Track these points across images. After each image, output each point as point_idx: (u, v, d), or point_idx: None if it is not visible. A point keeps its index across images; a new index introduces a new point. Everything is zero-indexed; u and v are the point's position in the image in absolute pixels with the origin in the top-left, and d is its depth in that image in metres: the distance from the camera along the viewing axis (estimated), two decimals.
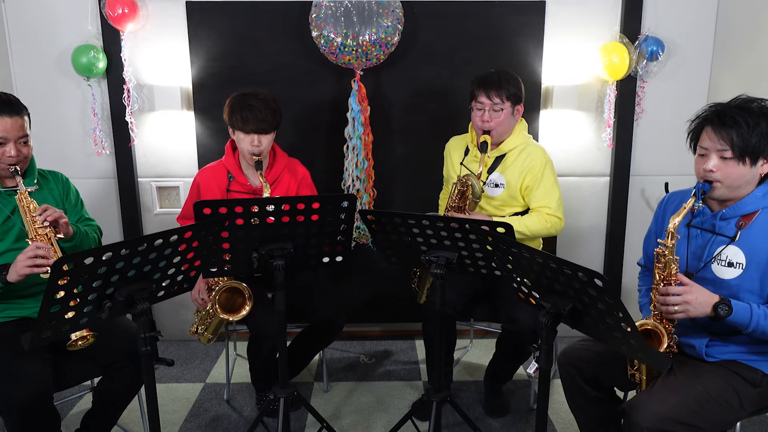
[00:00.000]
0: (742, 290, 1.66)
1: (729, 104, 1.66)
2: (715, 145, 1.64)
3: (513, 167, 2.42)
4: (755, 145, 1.60)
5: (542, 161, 2.40)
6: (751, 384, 1.68)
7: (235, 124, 2.34)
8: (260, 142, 2.33)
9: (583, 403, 1.93)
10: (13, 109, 1.93)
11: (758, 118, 1.60)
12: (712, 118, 1.66)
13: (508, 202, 2.45)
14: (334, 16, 2.70)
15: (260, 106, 2.29)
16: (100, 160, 3.11)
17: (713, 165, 1.64)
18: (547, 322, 1.49)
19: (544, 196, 2.39)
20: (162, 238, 1.52)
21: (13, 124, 1.92)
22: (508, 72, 2.41)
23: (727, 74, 2.98)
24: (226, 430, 2.53)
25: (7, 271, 1.83)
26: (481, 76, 2.41)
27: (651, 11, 2.99)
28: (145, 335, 1.54)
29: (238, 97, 2.35)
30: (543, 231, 2.38)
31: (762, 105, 1.63)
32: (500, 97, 2.33)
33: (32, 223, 1.87)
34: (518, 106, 2.41)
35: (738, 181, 1.64)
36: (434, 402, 2.06)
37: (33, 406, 1.77)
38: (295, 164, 2.57)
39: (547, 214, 2.38)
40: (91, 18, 2.94)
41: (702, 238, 1.74)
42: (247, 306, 2.28)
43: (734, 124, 1.60)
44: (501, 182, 2.43)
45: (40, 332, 1.43)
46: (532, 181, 2.39)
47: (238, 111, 2.31)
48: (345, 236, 2.02)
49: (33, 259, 1.79)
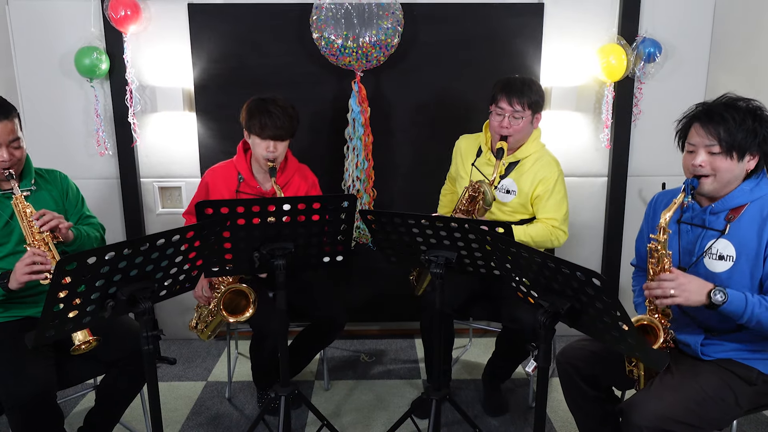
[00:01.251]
0: (734, 283, 1.67)
1: (716, 102, 1.70)
2: (703, 140, 1.66)
3: (527, 175, 2.38)
4: (741, 140, 1.63)
5: (556, 174, 2.37)
6: (747, 382, 1.69)
7: (252, 129, 2.32)
8: (276, 149, 2.31)
9: (582, 402, 1.93)
10: (2, 112, 1.88)
11: (744, 115, 1.64)
12: (700, 116, 1.69)
13: (518, 210, 2.42)
14: (335, 18, 2.70)
15: (279, 113, 2.28)
16: (103, 161, 3.11)
17: (702, 160, 1.67)
18: (545, 321, 1.49)
19: (554, 209, 2.36)
20: (164, 237, 1.52)
21: (3, 128, 1.87)
22: (531, 79, 2.36)
23: (724, 76, 2.98)
24: (227, 428, 2.53)
25: (8, 279, 1.83)
26: (504, 81, 2.34)
27: (648, 13, 2.99)
28: (147, 334, 1.53)
29: (257, 102, 2.32)
30: (546, 242, 2.36)
31: (748, 103, 1.67)
32: (521, 105, 2.28)
33: (29, 228, 1.85)
34: (538, 114, 2.37)
35: (726, 175, 1.66)
36: (433, 400, 2.06)
37: (36, 404, 1.77)
38: (305, 171, 2.55)
39: (553, 226, 2.36)
40: (94, 20, 2.94)
41: (693, 233, 1.76)
42: (250, 309, 2.27)
43: (721, 120, 1.64)
44: (513, 189, 2.40)
45: (43, 331, 1.43)
46: (543, 192, 2.36)
47: (257, 116, 2.29)
48: (345, 236, 2.02)
49: (31, 266, 1.78)
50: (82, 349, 1.76)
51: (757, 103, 1.68)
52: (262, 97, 2.34)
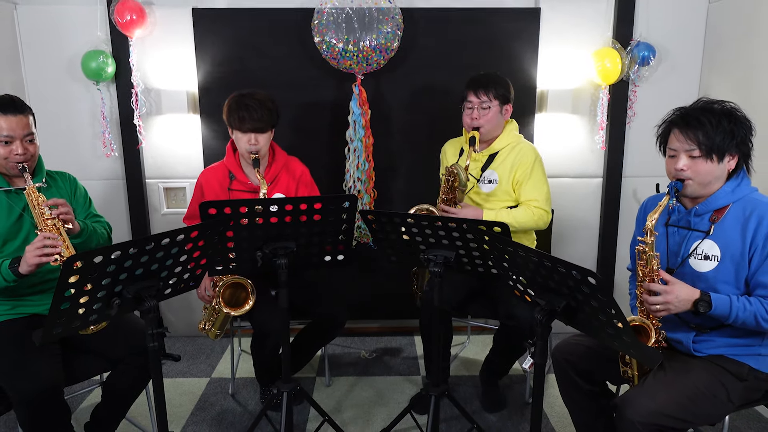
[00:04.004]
0: (719, 281, 1.68)
1: (692, 107, 1.71)
2: (683, 145, 1.68)
3: (505, 164, 2.44)
4: (720, 143, 1.64)
5: (532, 157, 2.42)
6: (738, 378, 1.69)
7: (233, 124, 2.35)
8: (257, 141, 2.33)
9: (577, 397, 1.94)
10: (18, 108, 1.93)
11: (720, 117, 1.65)
12: (678, 121, 1.71)
13: (500, 197, 2.46)
14: (336, 22, 2.70)
15: (257, 106, 2.30)
16: (109, 162, 3.11)
17: (683, 164, 1.68)
18: (542, 319, 1.50)
19: (533, 189, 2.41)
20: (169, 237, 1.52)
21: (18, 122, 1.92)
22: (496, 74, 2.45)
23: (716, 78, 2.98)
24: (231, 423, 2.53)
25: (18, 263, 1.83)
26: (470, 78, 2.45)
27: (642, 18, 3.00)
28: (152, 331, 1.53)
29: (236, 98, 2.35)
30: (531, 223, 2.39)
31: (723, 106, 1.68)
32: (488, 96, 2.38)
33: (41, 215, 1.86)
34: (506, 105, 2.44)
35: (708, 177, 1.68)
36: (432, 396, 2.06)
37: (44, 400, 1.77)
38: (294, 162, 2.56)
39: (535, 207, 2.39)
40: (100, 24, 2.94)
41: (679, 235, 1.78)
42: (250, 300, 2.27)
43: (699, 125, 1.65)
44: (494, 178, 2.45)
45: (50, 328, 1.43)
46: (522, 176, 2.41)
47: (236, 111, 2.32)
48: (346, 235, 2.02)
49: (41, 249, 1.78)
50: (90, 330, 1.79)
51: (731, 105, 1.69)
52: (241, 92, 2.36)
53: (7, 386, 1.79)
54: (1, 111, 1.90)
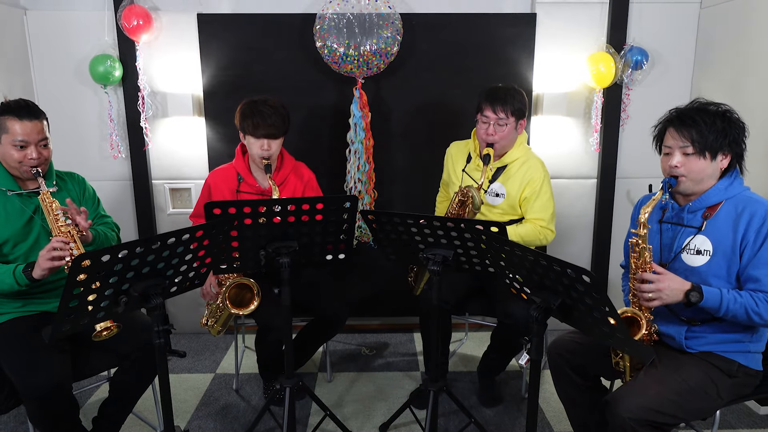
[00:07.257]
0: (711, 276, 1.68)
1: (688, 107, 1.73)
2: (678, 142, 1.69)
3: (514, 179, 2.39)
4: (713, 141, 1.66)
5: (541, 175, 2.37)
6: (728, 374, 1.69)
7: (246, 129, 2.33)
8: (270, 147, 2.32)
9: (571, 391, 1.94)
10: (32, 113, 1.93)
11: (714, 118, 1.67)
12: (674, 120, 1.73)
13: (507, 212, 2.42)
14: (337, 27, 2.70)
15: (270, 113, 2.29)
16: (117, 164, 3.11)
17: (677, 161, 1.69)
18: (537, 316, 1.50)
19: (541, 209, 2.37)
20: (175, 236, 1.52)
21: (33, 127, 1.92)
22: (514, 87, 2.37)
23: (708, 82, 2.98)
24: (235, 417, 2.53)
25: (32, 269, 1.83)
26: (488, 90, 2.35)
27: (636, 23, 3.00)
28: (158, 328, 1.54)
29: (249, 104, 2.34)
30: (535, 241, 2.37)
31: (717, 107, 1.70)
32: (505, 113, 2.30)
33: (55, 221, 1.86)
34: (521, 120, 2.38)
35: (700, 174, 1.69)
36: (431, 391, 2.06)
37: (52, 395, 1.77)
38: (302, 167, 2.56)
39: (541, 226, 2.37)
40: (107, 29, 2.94)
41: (672, 230, 1.78)
42: (255, 301, 2.27)
43: (693, 123, 1.67)
44: (502, 192, 2.41)
45: (59, 326, 1.43)
46: (530, 194, 2.37)
47: (249, 117, 2.30)
48: (347, 235, 2.02)
49: (51, 252, 1.78)
50: (103, 336, 1.72)
51: (726, 107, 1.70)
52: (254, 98, 2.35)
53: (17, 382, 1.79)
54: (17, 116, 1.90)
